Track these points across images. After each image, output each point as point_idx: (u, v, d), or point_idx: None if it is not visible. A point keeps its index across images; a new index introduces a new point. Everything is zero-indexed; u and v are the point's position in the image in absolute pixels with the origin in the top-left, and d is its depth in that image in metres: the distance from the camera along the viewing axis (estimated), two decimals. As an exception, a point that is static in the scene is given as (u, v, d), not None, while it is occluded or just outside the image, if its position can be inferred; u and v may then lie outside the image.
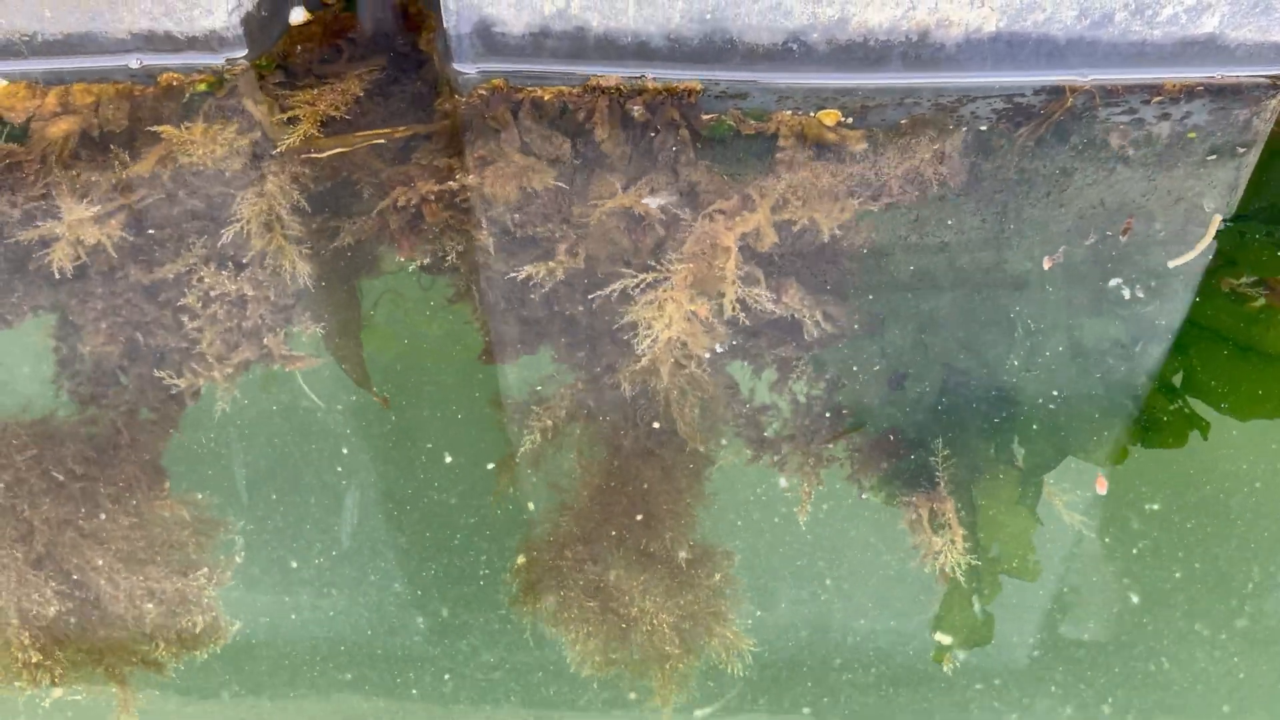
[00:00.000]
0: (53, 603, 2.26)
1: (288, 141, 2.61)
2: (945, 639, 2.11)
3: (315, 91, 2.71)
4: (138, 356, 2.39)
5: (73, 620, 2.22)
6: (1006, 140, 2.60)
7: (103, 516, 2.30)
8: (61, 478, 2.35)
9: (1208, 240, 2.43)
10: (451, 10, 2.55)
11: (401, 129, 2.65)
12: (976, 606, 2.14)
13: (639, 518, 2.18)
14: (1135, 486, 2.18)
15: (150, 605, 2.24)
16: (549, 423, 2.30)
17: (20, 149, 2.59)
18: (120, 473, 2.35)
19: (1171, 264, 2.39)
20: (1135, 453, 2.23)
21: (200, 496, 2.29)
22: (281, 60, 2.84)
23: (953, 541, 2.18)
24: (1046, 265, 2.39)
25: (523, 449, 2.24)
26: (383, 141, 2.62)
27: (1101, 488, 2.19)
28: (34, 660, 2.25)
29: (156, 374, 2.34)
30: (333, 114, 2.67)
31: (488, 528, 2.19)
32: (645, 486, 2.21)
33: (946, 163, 2.58)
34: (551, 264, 2.40)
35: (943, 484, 2.21)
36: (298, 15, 2.88)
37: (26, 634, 2.24)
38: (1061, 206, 2.50)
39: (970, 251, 2.44)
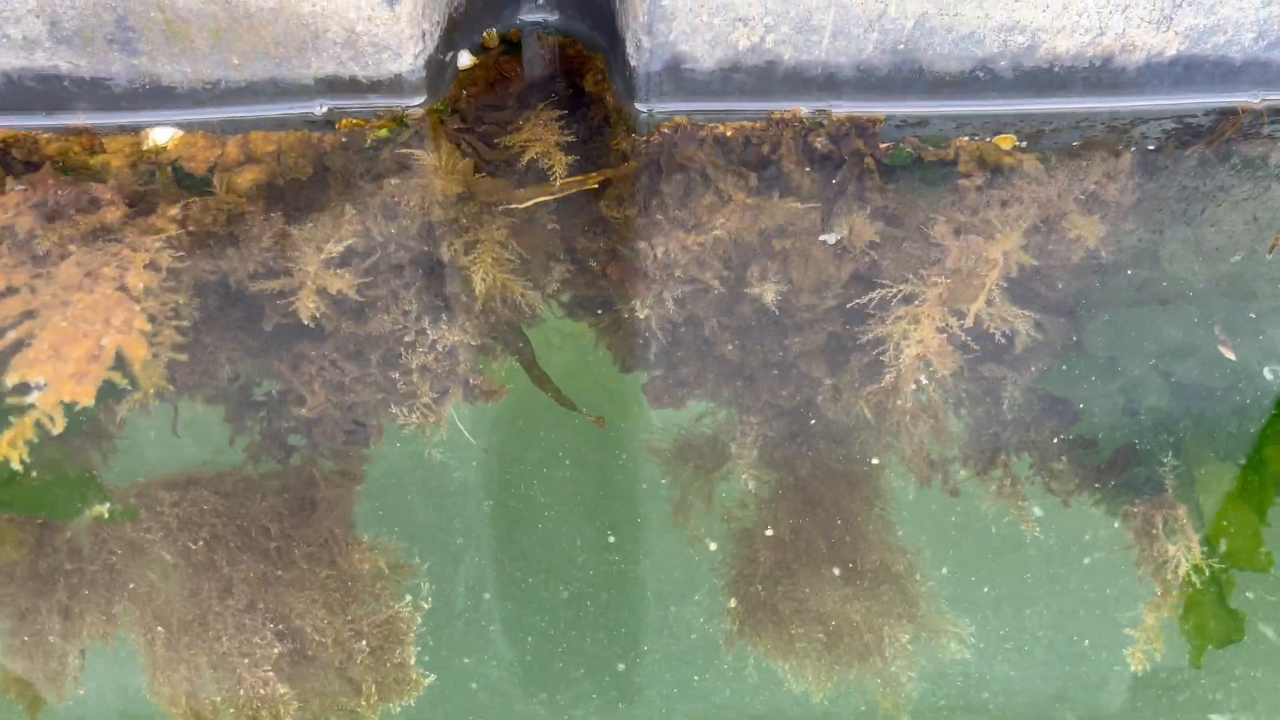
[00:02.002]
0: (275, 644, 2.23)
1: (527, 197, 2.61)
2: (1197, 640, 2.14)
3: (525, 135, 2.72)
4: (338, 405, 2.38)
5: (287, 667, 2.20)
6: (1173, 160, 2.68)
7: (302, 566, 2.27)
8: (255, 533, 2.32)
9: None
10: (645, 48, 2.58)
11: (595, 175, 2.67)
12: (1219, 604, 2.18)
13: (841, 541, 2.21)
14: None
15: (360, 645, 2.23)
16: (747, 454, 2.32)
17: (242, 200, 2.57)
18: (314, 522, 2.33)
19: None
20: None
21: (388, 542, 2.28)
22: (453, 104, 2.85)
23: (1188, 546, 2.22)
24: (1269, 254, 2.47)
25: (711, 487, 2.28)
26: (595, 188, 2.63)
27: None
28: (277, 694, 2.23)
29: (352, 422, 2.34)
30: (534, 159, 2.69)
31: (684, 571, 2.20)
32: (843, 511, 2.25)
33: (1116, 182, 2.65)
34: (758, 289, 2.44)
35: (1170, 490, 2.26)
36: (465, 59, 2.90)
37: (259, 673, 2.22)
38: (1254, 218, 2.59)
39: (1173, 262, 2.51)
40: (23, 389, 2.18)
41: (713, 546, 2.24)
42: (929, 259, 2.47)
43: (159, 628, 2.17)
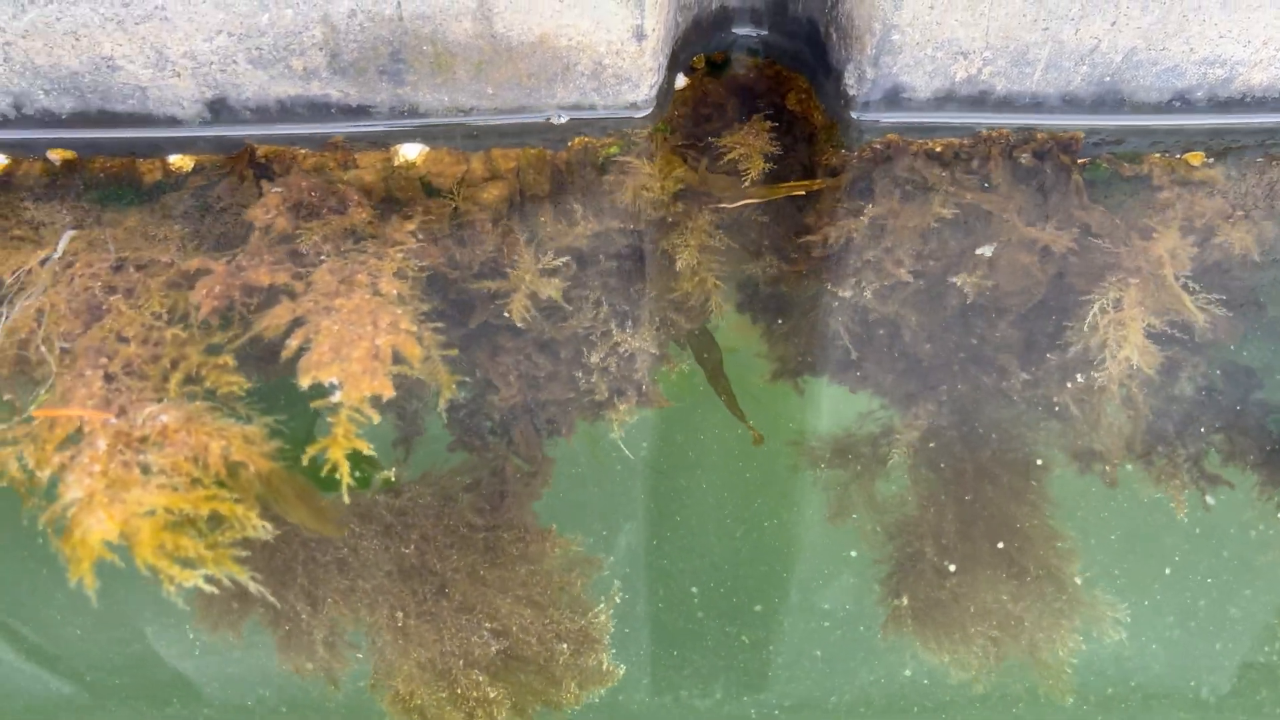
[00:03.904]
0: (491, 643, 2.43)
1: (740, 199, 2.82)
2: None
3: (743, 151, 2.92)
4: (530, 409, 2.57)
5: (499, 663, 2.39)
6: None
7: (503, 565, 2.46)
8: (464, 531, 2.52)
9: None
10: (868, 79, 2.79)
11: (815, 181, 2.88)
12: None
13: (1007, 534, 2.43)
14: None
15: (561, 646, 2.42)
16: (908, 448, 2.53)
17: (486, 212, 2.77)
18: (510, 522, 2.52)
19: None
20: None
21: (575, 538, 2.46)
22: (671, 123, 3.05)
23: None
24: None
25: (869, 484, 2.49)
26: (802, 194, 2.84)
27: None
28: (490, 696, 2.43)
29: (541, 424, 2.52)
30: (749, 169, 2.89)
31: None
32: (1010, 508, 2.46)
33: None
34: (969, 285, 2.65)
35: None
36: (680, 81, 3.10)
37: (475, 673, 2.42)
38: None
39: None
40: (319, 390, 2.35)
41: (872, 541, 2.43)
42: (1126, 264, 2.69)
43: (398, 614, 2.36)
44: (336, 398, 2.25)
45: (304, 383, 2.27)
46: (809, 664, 2.35)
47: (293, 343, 2.37)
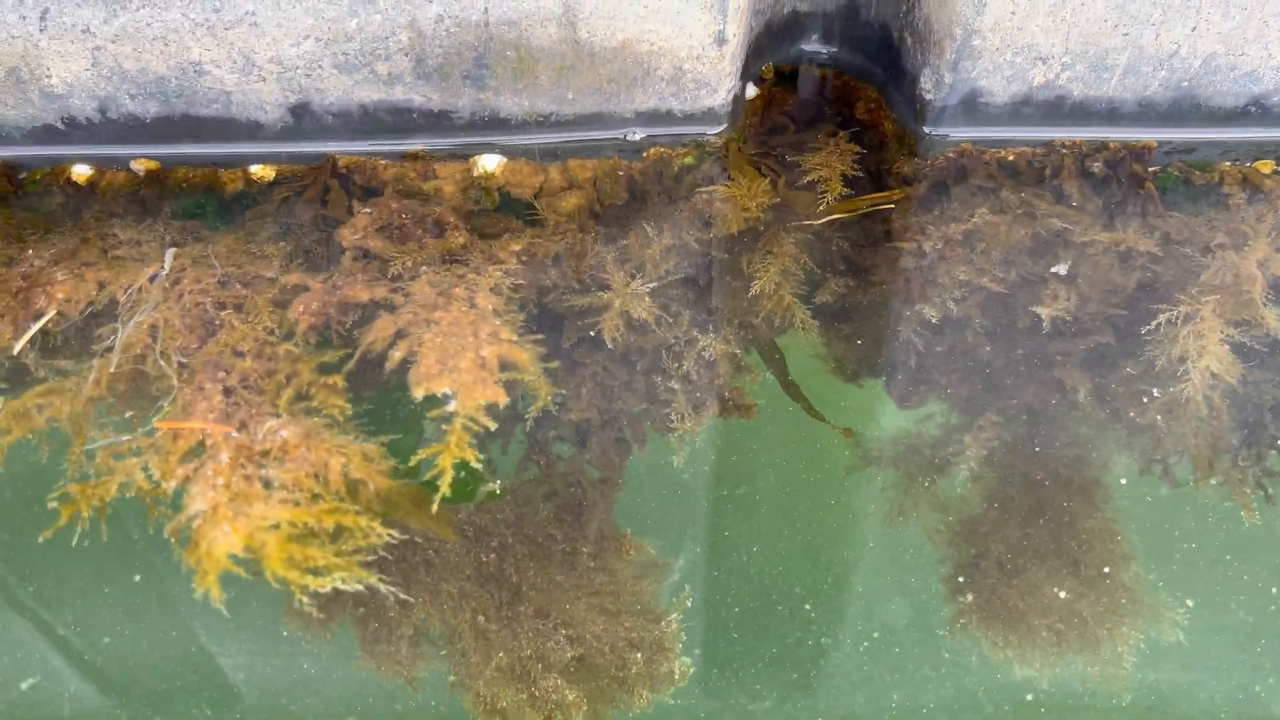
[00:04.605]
0: (567, 648, 2.42)
1: (823, 210, 2.83)
2: None
3: (818, 159, 2.93)
4: (607, 420, 2.55)
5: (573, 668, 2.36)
6: None
7: (578, 573, 2.45)
8: (542, 540, 2.51)
9: None
10: (945, 84, 2.80)
11: (896, 193, 2.88)
12: None
13: (1074, 539, 2.41)
14: None
15: (635, 655, 2.41)
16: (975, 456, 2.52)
17: (566, 223, 2.77)
18: (587, 531, 2.50)
19: None
20: None
21: (647, 542, 2.45)
22: (744, 132, 3.06)
23: None
24: None
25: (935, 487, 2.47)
26: (891, 206, 2.85)
27: None
28: (568, 700, 2.41)
29: (618, 434, 2.51)
30: (836, 180, 2.90)
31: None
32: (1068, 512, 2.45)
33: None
34: (1049, 304, 2.65)
35: None
36: (751, 90, 3.11)
37: (553, 676, 2.40)
38: None
39: None
40: (432, 400, 2.37)
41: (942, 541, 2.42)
42: (1201, 273, 2.69)
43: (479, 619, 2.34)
44: (452, 407, 2.26)
45: (418, 394, 2.27)
46: (864, 667, 2.32)
47: (396, 354, 2.37)
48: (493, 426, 2.30)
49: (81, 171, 2.85)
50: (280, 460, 2.10)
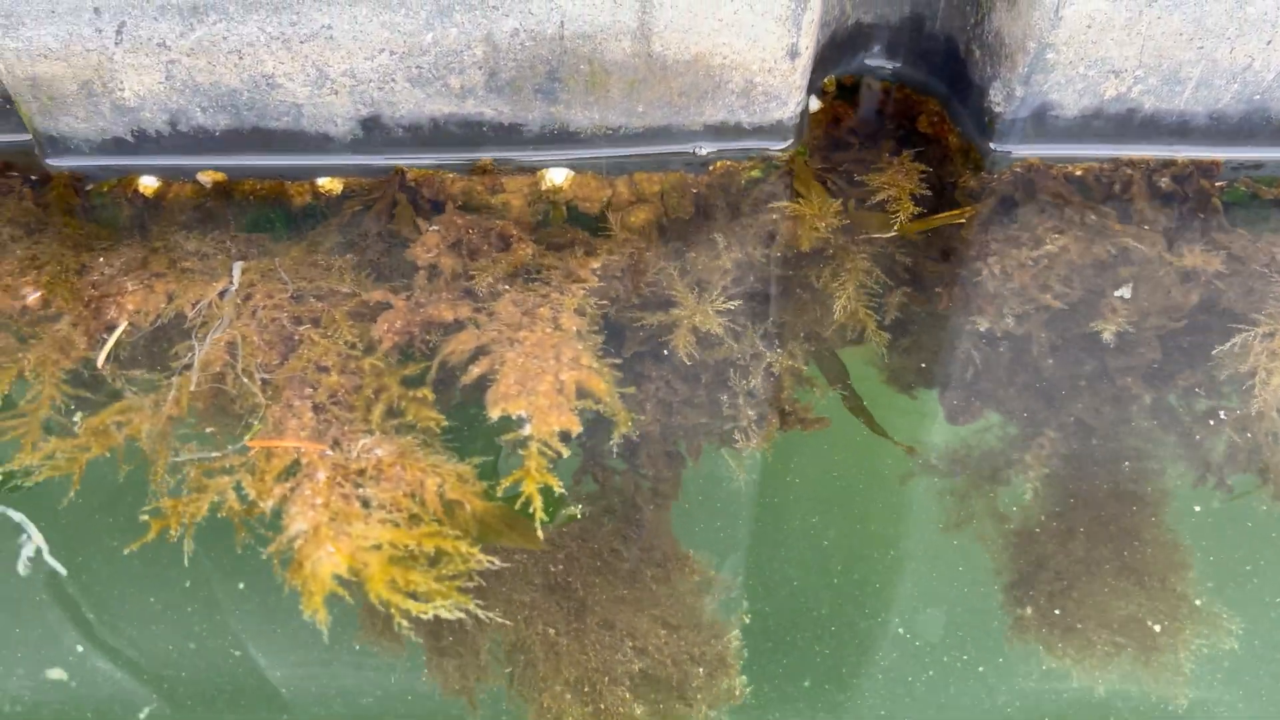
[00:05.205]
0: (634, 661, 2.40)
1: (896, 227, 2.82)
2: None
3: (885, 177, 2.92)
4: (667, 433, 2.53)
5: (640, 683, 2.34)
6: None
7: (639, 586, 2.43)
8: (607, 555, 2.49)
9: None
10: (1016, 97, 2.79)
11: (967, 209, 2.87)
12: None
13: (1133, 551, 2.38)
14: None
15: (697, 669, 2.39)
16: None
17: (637, 239, 2.76)
18: (649, 546, 2.48)
19: None
20: None
21: (704, 558, 2.43)
22: (808, 145, 3.05)
23: None
24: None
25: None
26: (963, 221, 2.84)
27: None
28: (636, 714, 2.40)
29: (678, 448, 2.48)
30: (906, 196, 2.89)
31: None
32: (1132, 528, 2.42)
33: None
34: (1109, 318, 2.64)
35: None
36: (814, 103, 3.11)
37: (621, 689, 2.39)
38: None
39: None
40: (508, 422, 2.34)
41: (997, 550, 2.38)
42: (1271, 289, 2.67)
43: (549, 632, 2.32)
44: (527, 431, 2.24)
45: (494, 414, 2.26)
46: (927, 692, 2.30)
47: (475, 370, 2.36)
48: (566, 453, 2.28)
49: (148, 183, 2.84)
50: (376, 479, 2.09)
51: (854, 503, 2.48)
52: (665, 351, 2.57)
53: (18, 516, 2.14)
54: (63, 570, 2.14)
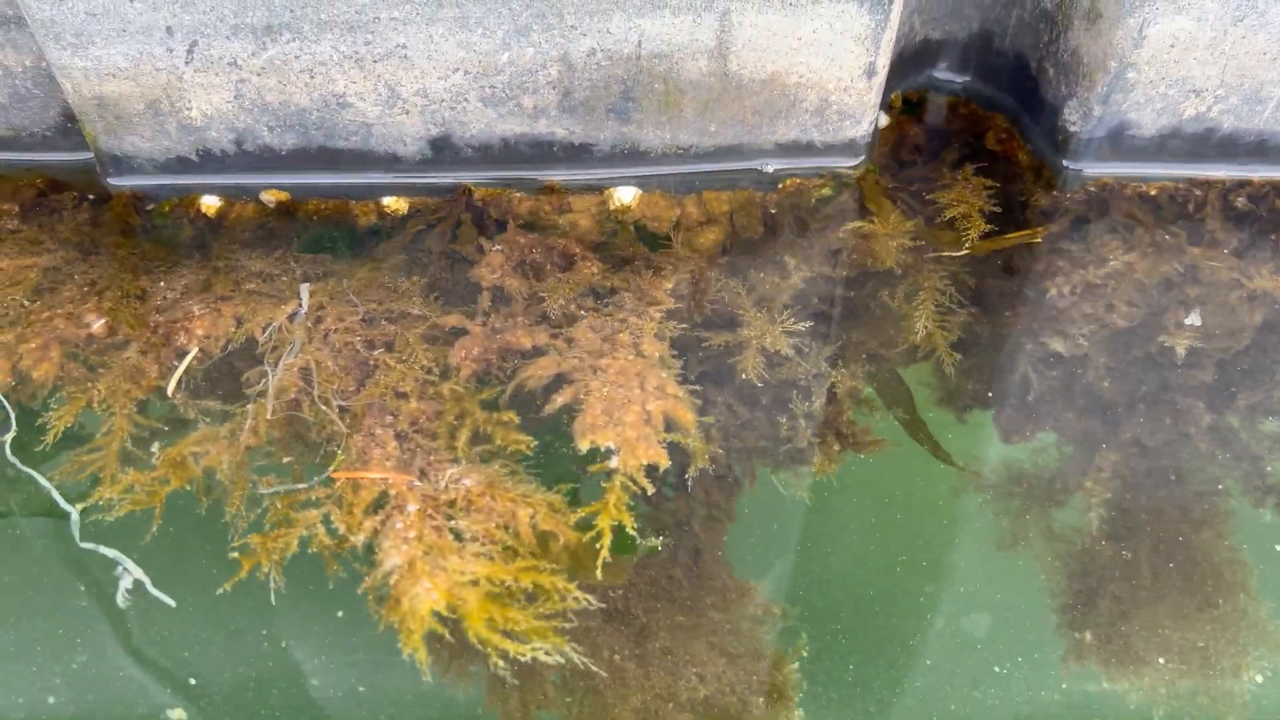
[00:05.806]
0: (699, 687, 2.36)
1: (968, 245, 2.77)
2: None
3: (954, 194, 2.88)
4: (731, 456, 2.47)
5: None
6: None
7: (698, 612, 2.38)
8: (664, 582, 2.44)
9: None
10: (1094, 115, 2.75)
11: (1040, 229, 2.83)
12: None
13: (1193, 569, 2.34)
14: None
15: (756, 699, 2.35)
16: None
17: (704, 259, 2.71)
18: (706, 573, 2.44)
19: None
20: None
21: (763, 585, 2.38)
22: (877, 162, 3.01)
23: None
24: None
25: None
26: (1038, 240, 2.80)
27: None
28: None
29: (735, 472, 2.44)
30: (976, 214, 2.85)
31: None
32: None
33: None
34: (1174, 329, 2.60)
35: None
36: (883, 120, 3.06)
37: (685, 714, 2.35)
38: None
39: None
40: (595, 454, 2.27)
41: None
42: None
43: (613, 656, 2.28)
44: (614, 463, 2.18)
45: (582, 446, 2.20)
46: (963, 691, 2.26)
47: (559, 399, 2.31)
48: (650, 490, 2.23)
49: (210, 203, 2.79)
50: (466, 511, 2.04)
51: (912, 525, 2.43)
52: (729, 369, 2.51)
53: (111, 553, 2.09)
54: (171, 602, 2.09)
